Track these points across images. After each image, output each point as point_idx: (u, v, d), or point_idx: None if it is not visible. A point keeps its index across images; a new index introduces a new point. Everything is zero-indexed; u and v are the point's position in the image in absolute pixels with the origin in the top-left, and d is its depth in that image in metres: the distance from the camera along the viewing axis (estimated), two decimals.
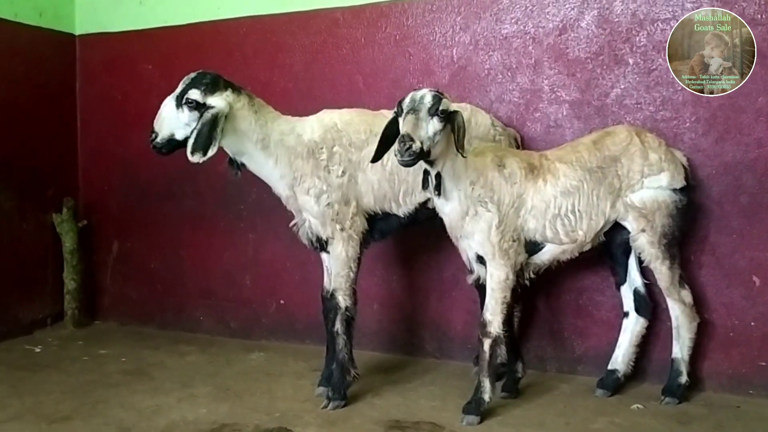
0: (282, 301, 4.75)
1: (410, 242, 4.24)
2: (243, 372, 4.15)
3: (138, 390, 3.81)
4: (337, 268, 3.51)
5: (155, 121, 3.33)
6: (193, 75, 3.29)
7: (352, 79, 4.42)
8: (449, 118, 2.98)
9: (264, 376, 4.05)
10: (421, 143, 2.89)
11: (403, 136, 2.86)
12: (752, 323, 3.57)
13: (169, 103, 3.28)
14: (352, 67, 4.41)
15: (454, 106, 3.10)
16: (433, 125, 2.94)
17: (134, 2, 5.06)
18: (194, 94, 3.22)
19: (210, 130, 3.17)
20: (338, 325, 3.53)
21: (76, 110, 5.32)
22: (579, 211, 3.29)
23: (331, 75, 4.48)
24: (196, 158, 3.18)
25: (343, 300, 3.51)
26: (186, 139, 3.25)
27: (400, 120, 2.98)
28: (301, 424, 3.31)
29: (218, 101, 3.23)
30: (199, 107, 3.21)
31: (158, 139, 3.31)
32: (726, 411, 3.40)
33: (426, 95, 2.96)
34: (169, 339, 4.87)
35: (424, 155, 2.91)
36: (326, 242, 3.53)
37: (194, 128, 3.19)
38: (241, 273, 4.87)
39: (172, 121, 3.27)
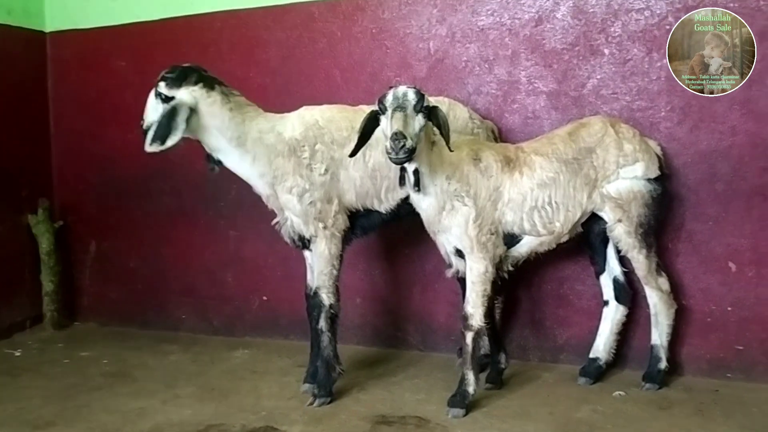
0: (265, 298, 4.74)
1: (392, 236, 4.24)
2: (228, 370, 4.14)
3: (121, 392, 3.79)
4: (320, 266, 3.51)
5: (145, 110, 3.44)
6: (167, 69, 3.34)
7: (329, 73, 4.39)
8: (431, 114, 2.98)
9: (249, 374, 4.05)
10: (412, 140, 2.90)
11: (395, 133, 2.85)
12: (729, 308, 3.64)
13: (152, 93, 3.36)
14: (329, 62, 4.39)
15: (432, 101, 3.10)
16: (419, 122, 2.96)
17: None
18: (162, 87, 3.31)
19: (168, 121, 3.22)
20: (322, 323, 3.53)
21: (49, 109, 5.23)
22: (556, 202, 3.32)
23: (309, 70, 4.45)
24: (153, 148, 3.25)
25: (326, 298, 3.52)
26: None
27: (385, 118, 2.97)
28: (287, 423, 3.32)
29: (183, 94, 3.27)
30: (167, 100, 3.28)
31: (144, 127, 3.39)
32: (705, 395, 3.48)
33: (409, 92, 2.97)
34: (151, 339, 4.83)
35: (414, 152, 2.91)
36: (309, 240, 3.53)
37: (156, 120, 3.26)
38: (222, 270, 4.85)
39: (153, 110, 3.36)
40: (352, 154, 3.19)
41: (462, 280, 3.71)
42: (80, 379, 4.02)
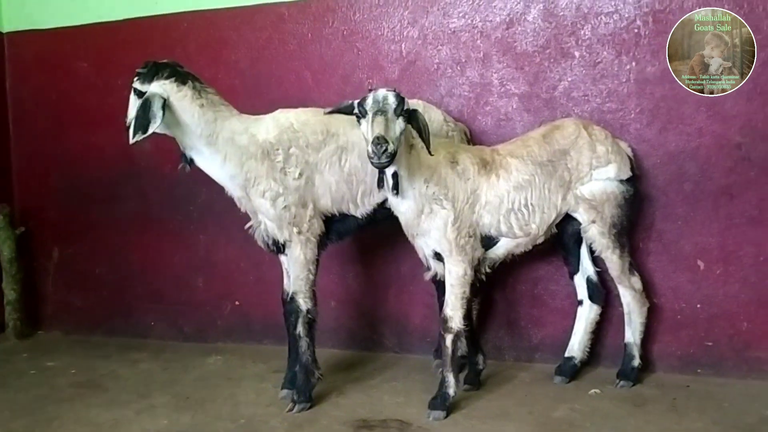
0: (237, 302, 4.69)
1: (367, 239, 4.23)
2: (202, 378, 4.07)
3: (93, 403, 3.69)
4: (296, 271, 3.48)
5: None
6: (141, 64, 3.37)
7: (300, 75, 4.36)
8: (411, 118, 2.99)
9: (224, 381, 3.99)
10: (393, 144, 2.90)
11: (377, 138, 2.85)
12: (698, 305, 3.73)
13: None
14: (300, 63, 4.35)
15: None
16: (399, 126, 2.96)
17: None
18: (136, 83, 3.32)
19: (144, 111, 3.21)
20: (300, 328, 3.50)
21: (7, 111, 5.08)
22: (532, 204, 3.36)
23: (279, 71, 4.41)
24: (137, 137, 3.22)
25: (303, 303, 3.49)
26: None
27: (365, 121, 2.96)
28: (267, 430, 3.28)
29: (154, 88, 3.28)
30: (142, 95, 3.28)
31: (127, 123, 3.38)
32: (677, 391, 3.55)
33: (389, 96, 2.96)
34: (119, 346, 4.73)
35: (395, 156, 2.92)
36: (283, 245, 3.49)
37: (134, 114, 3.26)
38: (192, 275, 4.77)
39: (131, 108, 3.36)
40: (329, 113, 3.25)
41: (438, 283, 3.73)
42: (48, 390, 3.91)
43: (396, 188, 3.11)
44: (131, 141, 3.22)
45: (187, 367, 4.28)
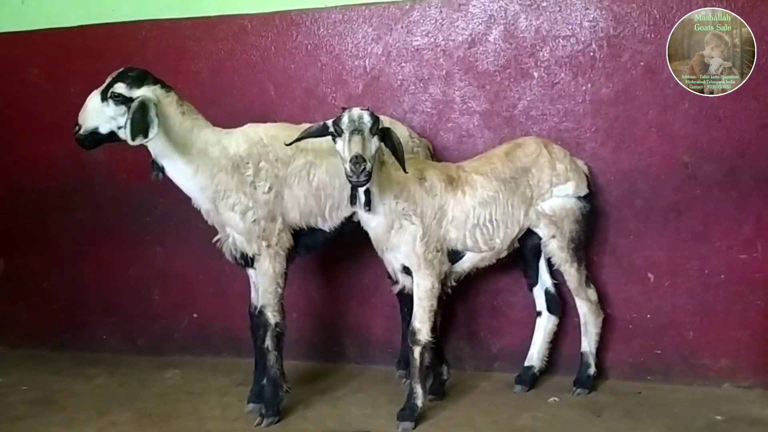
0: (195, 315, 4.64)
1: (329, 251, 4.24)
2: (162, 393, 4.01)
3: (51, 422, 3.60)
4: (264, 284, 3.49)
5: (80, 114, 3.33)
6: (120, 69, 3.31)
7: (263, 87, 4.36)
8: (384, 136, 3.06)
9: (186, 396, 3.94)
10: (370, 162, 2.99)
11: (356, 157, 2.92)
12: (648, 315, 3.93)
13: (95, 96, 3.30)
14: (262, 76, 4.35)
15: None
16: (374, 144, 3.03)
17: (16, 1, 4.68)
18: (120, 88, 3.24)
19: (143, 114, 3.15)
20: (268, 342, 3.51)
21: None
22: (496, 220, 3.48)
23: (241, 83, 4.39)
24: (138, 141, 3.16)
25: (272, 316, 3.50)
26: (110, 133, 3.31)
27: (341, 140, 3.02)
28: None
29: (145, 92, 3.23)
30: (126, 101, 3.21)
31: (81, 132, 3.31)
32: (630, 397, 3.73)
33: (364, 115, 3.03)
34: (70, 361, 4.61)
35: (371, 174, 3.00)
36: (252, 259, 3.49)
37: (126, 119, 3.16)
38: (148, 287, 4.69)
39: (97, 114, 3.28)
40: (289, 144, 3.30)
41: (402, 295, 3.81)
42: (1, 408, 3.78)
43: (368, 204, 3.17)
44: (133, 142, 3.14)
45: (144, 381, 4.21)
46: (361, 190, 3.15)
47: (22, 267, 4.91)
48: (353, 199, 3.21)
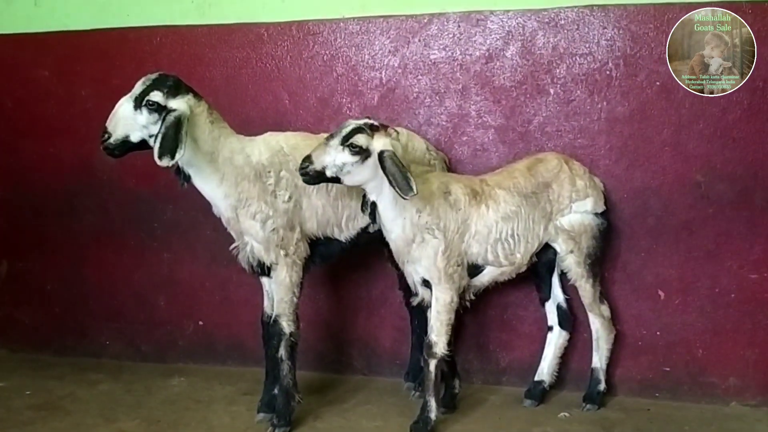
0: (201, 322, 4.60)
1: (338, 261, 4.23)
2: (168, 400, 3.97)
3: (58, 428, 3.57)
4: (280, 293, 3.47)
5: (108, 121, 3.22)
6: (153, 76, 3.22)
7: (277, 96, 4.35)
8: (380, 159, 3.08)
9: (193, 404, 3.91)
10: (324, 167, 3.07)
11: (305, 156, 3.09)
12: (658, 332, 3.95)
13: (126, 103, 3.18)
14: (277, 84, 4.35)
15: (380, 141, 3.11)
16: (344, 156, 3.07)
17: (29, 2, 4.66)
18: (156, 96, 3.13)
19: (176, 132, 3.08)
20: (282, 351, 3.48)
21: None
22: (518, 234, 3.49)
23: (255, 91, 4.39)
24: (164, 162, 3.08)
25: (287, 325, 3.48)
26: (141, 142, 3.20)
27: None
28: None
29: (180, 104, 3.15)
30: (160, 110, 3.13)
31: (111, 140, 3.20)
32: (639, 414, 3.75)
33: (348, 126, 3.10)
34: (72, 366, 4.55)
35: (325, 178, 3.11)
36: (269, 267, 3.48)
37: (159, 131, 3.10)
38: (153, 294, 4.65)
39: (129, 122, 3.17)
40: None
41: (413, 308, 3.82)
42: (5, 414, 3.75)
43: (372, 215, 3.24)
44: (162, 163, 3.07)
45: (150, 388, 4.17)
46: (369, 200, 3.23)
47: (25, 270, 4.86)
48: (363, 207, 3.26)
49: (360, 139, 3.08)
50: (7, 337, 4.88)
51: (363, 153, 3.08)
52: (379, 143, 3.10)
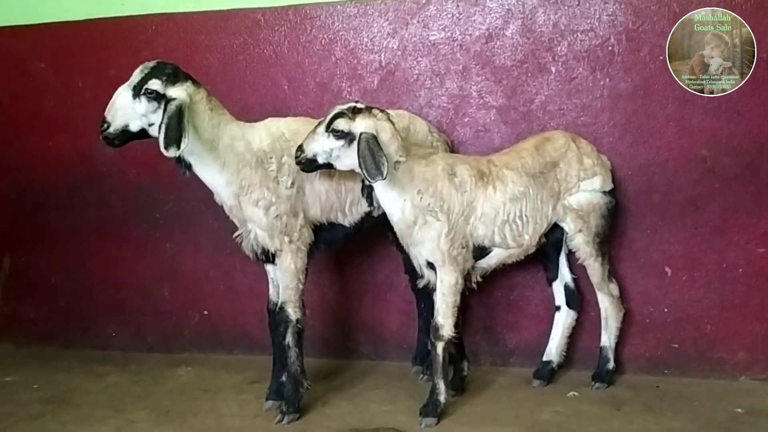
0: (206, 312, 4.59)
1: (343, 246, 4.21)
2: (176, 390, 3.97)
3: (67, 420, 3.55)
4: (286, 280, 3.45)
5: (107, 110, 3.18)
6: (151, 64, 3.18)
7: (275, 81, 4.31)
8: (359, 141, 3.07)
9: (201, 393, 3.90)
10: (315, 155, 3.14)
11: (298, 146, 3.19)
12: (665, 309, 3.93)
13: (125, 92, 3.14)
14: (275, 70, 4.31)
15: (362, 124, 3.11)
16: (329, 142, 3.12)
17: None
18: (155, 84, 3.10)
19: (178, 121, 3.05)
20: (289, 338, 3.47)
21: None
22: (526, 216, 3.45)
23: (253, 77, 4.35)
24: (171, 152, 3.06)
25: (293, 312, 3.46)
26: (141, 131, 3.17)
27: None
28: None
29: (179, 92, 3.12)
30: (159, 98, 3.09)
31: (110, 130, 3.16)
32: (649, 391, 3.73)
33: (332, 112, 3.14)
34: (78, 359, 4.55)
35: (318, 165, 3.18)
36: (273, 254, 3.46)
37: (161, 122, 3.07)
38: (158, 284, 4.64)
39: (127, 111, 3.13)
40: None
41: (419, 292, 3.80)
42: (15, 408, 3.73)
43: (369, 199, 3.27)
44: (168, 154, 3.05)
45: (157, 378, 4.17)
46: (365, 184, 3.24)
47: (28, 265, 4.85)
48: (363, 191, 3.28)
49: (340, 124, 3.11)
50: (13, 331, 4.87)
51: (346, 136, 3.11)
52: (360, 125, 3.10)
